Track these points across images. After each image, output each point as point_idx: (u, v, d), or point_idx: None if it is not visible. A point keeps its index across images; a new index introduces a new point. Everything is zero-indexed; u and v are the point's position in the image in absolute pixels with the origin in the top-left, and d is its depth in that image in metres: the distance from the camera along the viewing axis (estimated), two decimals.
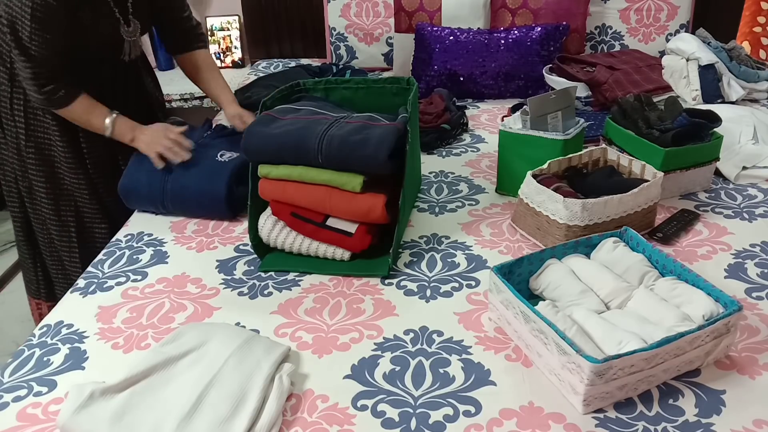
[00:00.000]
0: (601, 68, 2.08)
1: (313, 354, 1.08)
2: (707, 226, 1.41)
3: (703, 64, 1.91)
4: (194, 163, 1.52)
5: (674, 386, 0.98)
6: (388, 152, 1.23)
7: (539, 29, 2.22)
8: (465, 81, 2.22)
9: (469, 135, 1.95)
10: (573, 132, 1.46)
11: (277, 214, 1.34)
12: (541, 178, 1.35)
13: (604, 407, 0.95)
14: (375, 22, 2.51)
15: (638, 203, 1.31)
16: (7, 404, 1.00)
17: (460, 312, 1.17)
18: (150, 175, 1.51)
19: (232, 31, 2.91)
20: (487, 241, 1.39)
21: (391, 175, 1.28)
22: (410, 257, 1.34)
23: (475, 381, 1.01)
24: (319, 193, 1.30)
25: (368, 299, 1.21)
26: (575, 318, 1.03)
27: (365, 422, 0.94)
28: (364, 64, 2.52)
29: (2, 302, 2.44)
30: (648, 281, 1.12)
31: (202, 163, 1.52)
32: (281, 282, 1.28)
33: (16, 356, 1.10)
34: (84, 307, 1.23)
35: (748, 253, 1.31)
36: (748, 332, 1.09)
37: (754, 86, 1.97)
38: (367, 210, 1.27)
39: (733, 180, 1.60)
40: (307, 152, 1.26)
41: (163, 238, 1.45)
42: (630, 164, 1.44)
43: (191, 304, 1.23)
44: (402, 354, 1.07)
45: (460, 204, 1.55)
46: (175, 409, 0.92)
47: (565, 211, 1.27)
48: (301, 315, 1.18)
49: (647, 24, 2.40)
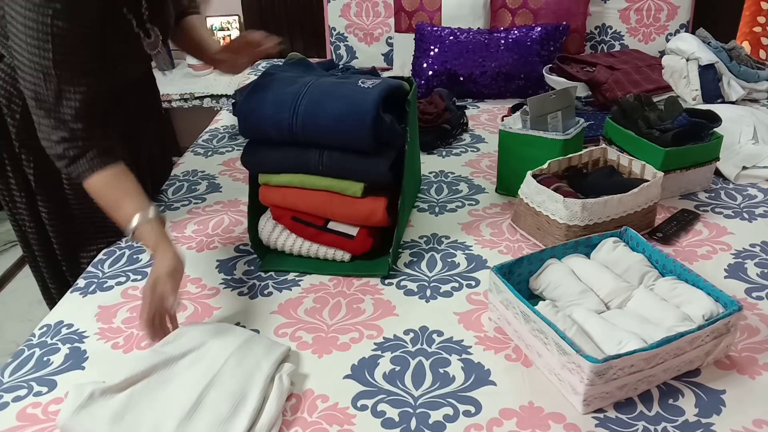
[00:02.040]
0: (601, 68, 2.08)
1: (313, 354, 1.08)
2: (707, 226, 1.41)
3: (703, 64, 1.91)
4: (332, 90, 1.25)
5: (674, 386, 0.98)
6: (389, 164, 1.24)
7: (539, 29, 2.22)
8: (465, 81, 2.21)
9: (469, 135, 1.95)
10: (573, 132, 1.46)
11: (278, 219, 1.34)
12: (541, 178, 1.35)
13: (604, 407, 0.95)
14: (375, 22, 2.51)
15: (638, 203, 1.31)
16: (7, 404, 1.00)
17: (460, 312, 1.17)
18: (279, 94, 1.26)
19: (232, 31, 2.91)
20: (487, 241, 1.39)
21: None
22: (410, 257, 1.34)
23: (475, 381, 1.01)
24: (319, 198, 1.30)
25: (368, 299, 1.21)
26: (575, 318, 1.03)
27: (365, 422, 0.94)
28: (364, 64, 2.52)
29: (2, 302, 2.43)
30: (648, 281, 1.12)
31: (343, 88, 1.25)
32: (281, 282, 1.28)
33: (16, 356, 1.10)
34: (84, 306, 1.23)
35: (748, 253, 1.31)
36: (748, 332, 1.09)
37: (754, 86, 1.97)
38: (368, 214, 1.28)
39: (733, 180, 1.60)
40: (307, 162, 1.27)
41: None
42: (630, 164, 1.44)
43: (191, 304, 1.23)
44: (402, 354, 1.07)
45: (460, 204, 1.55)
46: (176, 408, 0.92)
47: (565, 211, 1.27)
48: (301, 315, 1.18)
49: (647, 24, 2.40)
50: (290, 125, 1.23)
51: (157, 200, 1.64)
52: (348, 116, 1.20)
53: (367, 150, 1.23)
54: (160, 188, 1.70)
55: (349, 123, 1.20)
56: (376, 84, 1.24)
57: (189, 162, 1.86)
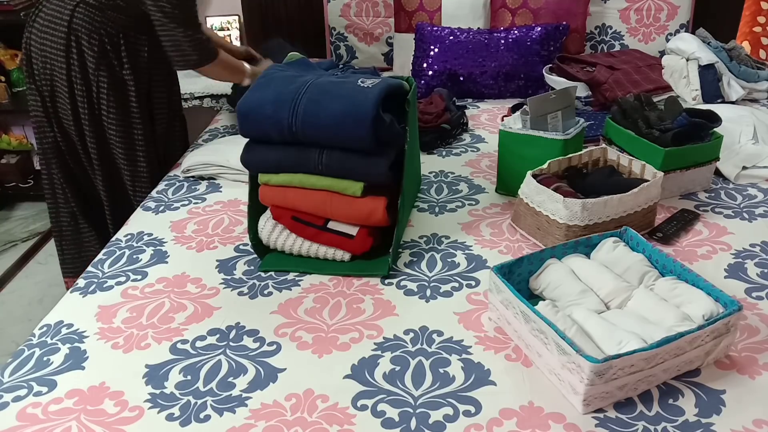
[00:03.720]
0: (601, 68, 2.08)
1: (313, 354, 1.08)
2: (707, 226, 1.41)
3: (703, 64, 1.91)
4: (332, 89, 1.27)
5: (674, 386, 0.98)
6: (389, 164, 1.24)
7: (539, 29, 2.22)
8: (465, 81, 2.21)
9: (469, 135, 1.95)
10: (573, 132, 1.46)
11: (277, 218, 1.34)
12: (541, 178, 1.35)
13: (604, 407, 0.95)
14: (375, 21, 2.51)
15: (638, 203, 1.31)
16: (7, 404, 1.00)
17: (460, 312, 1.17)
18: (279, 94, 1.28)
19: (232, 31, 2.91)
20: (487, 240, 1.39)
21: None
22: (410, 257, 1.34)
23: (475, 381, 1.01)
24: (319, 198, 1.30)
25: (368, 299, 1.21)
26: (575, 318, 1.03)
27: (365, 422, 0.94)
28: (364, 64, 2.52)
29: (2, 302, 2.44)
30: (648, 281, 1.12)
31: (342, 88, 1.26)
32: (281, 282, 1.28)
33: (16, 356, 1.10)
34: (84, 306, 1.23)
35: (748, 253, 1.31)
36: (748, 332, 1.09)
37: (754, 86, 1.97)
38: (368, 213, 1.27)
39: (733, 180, 1.59)
40: (307, 161, 1.27)
41: (163, 238, 1.45)
42: (630, 164, 1.44)
43: (191, 303, 1.23)
44: (402, 354, 1.07)
45: (460, 204, 1.55)
46: None
47: (565, 211, 1.27)
48: (301, 315, 1.18)
49: (647, 24, 2.40)
50: (290, 125, 1.23)
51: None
52: (348, 116, 1.20)
53: (367, 150, 1.23)
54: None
55: (348, 122, 1.20)
56: (375, 83, 1.24)
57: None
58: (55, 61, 1.69)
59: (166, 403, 0.99)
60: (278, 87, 1.27)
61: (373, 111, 1.18)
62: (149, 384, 1.03)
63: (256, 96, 1.26)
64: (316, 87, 1.26)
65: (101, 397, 1.00)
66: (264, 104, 1.25)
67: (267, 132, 1.26)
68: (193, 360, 1.07)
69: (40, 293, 2.46)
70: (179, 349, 1.10)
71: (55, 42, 1.67)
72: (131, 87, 1.74)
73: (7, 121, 3.14)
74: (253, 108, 1.26)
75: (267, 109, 1.24)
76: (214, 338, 1.13)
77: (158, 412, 0.97)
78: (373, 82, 1.25)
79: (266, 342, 1.11)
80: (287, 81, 1.28)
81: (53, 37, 1.67)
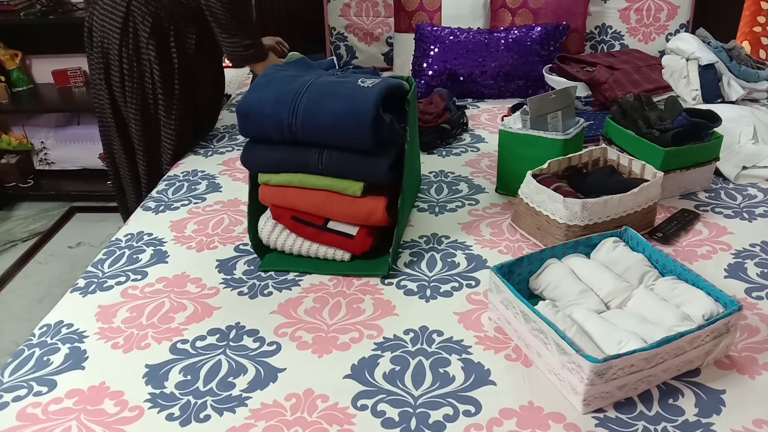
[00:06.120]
0: (601, 68, 2.08)
1: (313, 354, 1.08)
2: (707, 226, 1.41)
3: (703, 63, 1.91)
4: (332, 89, 1.26)
5: (674, 386, 0.98)
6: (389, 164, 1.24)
7: (539, 29, 2.22)
8: (465, 81, 2.21)
9: (469, 135, 1.95)
10: (573, 132, 1.46)
11: (277, 218, 1.34)
12: (541, 177, 1.35)
13: (604, 407, 0.95)
14: (375, 21, 2.51)
15: (638, 203, 1.31)
16: (7, 404, 1.00)
17: (460, 312, 1.17)
18: (279, 93, 1.28)
19: None
20: (487, 240, 1.39)
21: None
22: (410, 257, 1.34)
23: (475, 381, 1.01)
24: (319, 198, 1.30)
25: (368, 299, 1.21)
26: (575, 318, 1.03)
27: (365, 422, 0.94)
28: (364, 64, 2.52)
29: (2, 302, 2.44)
30: (648, 281, 1.12)
31: (342, 88, 1.26)
32: (281, 282, 1.28)
33: (15, 356, 1.10)
34: (84, 306, 1.23)
35: (748, 252, 1.31)
36: (748, 332, 1.09)
37: (754, 86, 1.97)
38: (367, 213, 1.28)
39: (733, 180, 1.59)
40: (307, 161, 1.27)
41: (163, 238, 1.45)
42: (630, 164, 1.44)
43: (191, 303, 1.23)
44: (402, 354, 1.07)
45: (460, 204, 1.55)
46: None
47: (565, 211, 1.27)
48: (301, 315, 1.18)
49: (647, 24, 2.40)
50: (290, 124, 1.23)
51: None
52: (348, 116, 1.20)
53: (367, 149, 1.23)
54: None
55: (348, 122, 1.20)
56: (375, 83, 1.24)
57: (189, 162, 1.86)
58: (112, 36, 1.82)
59: (166, 403, 0.99)
60: (278, 87, 1.27)
61: (373, 111, 1.18)
62: (149, 384, 1.03)
63: (256, 96, 1.26)
64: (316, 87, 1.26)
65: (101, 397, 1.00)
66: (264, 104, 1.25)
67: (267, 132, 1.26)
68: (193, 360, 1.08)
69: (40, 293, 2.46)
70: (179, 349, 1.10)
71: (114, 21, 1.81)
72: (176, 67, 1.87)
73: (7, 121, 3.14)
74: (253, 108, 1.26)
75: (267, 108, 1.24)
76: (214, 338, 1.13)
77: (158, 412, 0.97)
78: (373, 82, 1.25)
79: (266, 342, 1.11)
80: (287, 81, 1.28)
81: (114, 16, 1.81)
